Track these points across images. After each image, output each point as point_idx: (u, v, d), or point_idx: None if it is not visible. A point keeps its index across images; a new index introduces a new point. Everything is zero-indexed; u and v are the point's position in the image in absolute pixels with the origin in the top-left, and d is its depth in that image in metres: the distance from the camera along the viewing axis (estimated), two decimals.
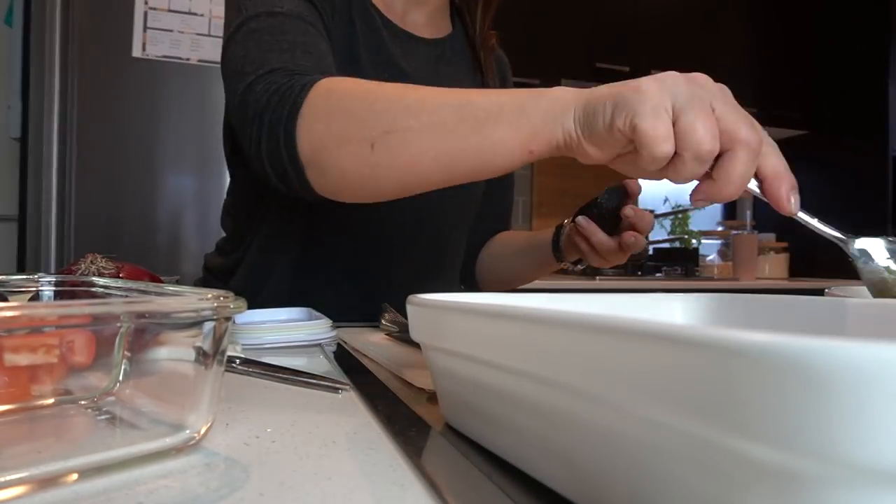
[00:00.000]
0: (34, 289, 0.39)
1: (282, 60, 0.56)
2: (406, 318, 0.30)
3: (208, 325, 0.25)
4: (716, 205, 2.91)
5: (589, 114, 0.41)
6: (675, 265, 2.35)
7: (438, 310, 0.27)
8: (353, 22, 0.71)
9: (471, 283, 0.93)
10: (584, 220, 0.69)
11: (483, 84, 0.84)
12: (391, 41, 0.74)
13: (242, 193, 0.79)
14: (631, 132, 0.37)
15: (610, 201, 0.68)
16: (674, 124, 0.37)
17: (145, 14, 1.55)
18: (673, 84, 0.37)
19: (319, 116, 0.50)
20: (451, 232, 0.83)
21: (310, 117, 0.51)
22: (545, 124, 0.42)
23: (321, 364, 0.47)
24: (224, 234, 0.84)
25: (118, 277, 0.51)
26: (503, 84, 0.90)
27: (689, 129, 0.36)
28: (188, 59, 1.59)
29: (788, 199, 0.39)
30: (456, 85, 0.47)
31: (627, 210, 0.67)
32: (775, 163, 0.39)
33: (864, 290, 0.43)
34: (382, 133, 0.47)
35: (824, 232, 0.40)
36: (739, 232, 2.47)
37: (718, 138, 0.37)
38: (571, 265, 0.80)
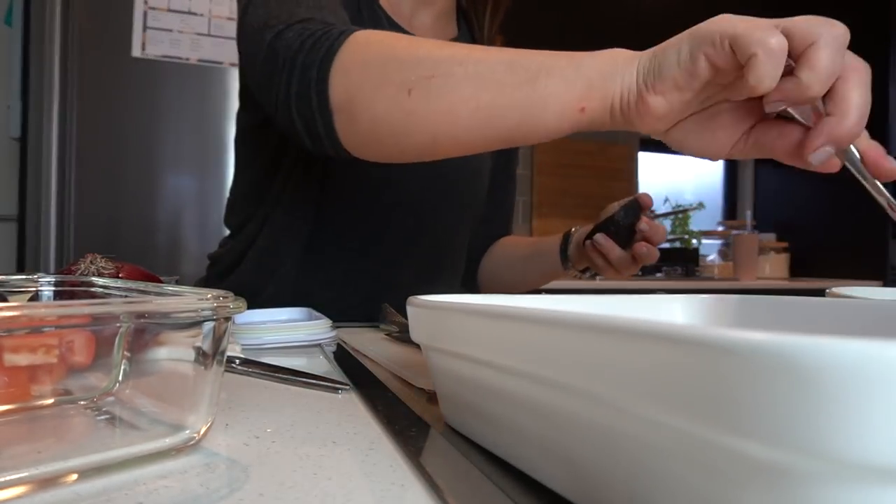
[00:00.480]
0: (34, 289, 0.39)
1: (311, 13, 0.54)
2: (406, 318, 0.30)
3: (208, 326, 0.26)
4: (716, 205, 2.92)
5: (658, 58, 0.37)
6: (675, 265, 2.36)
7: (438, 311, 0.27)
8: (363, 23, 0.72)
9: (472, 289, 0.93)
10: (602, 238, 0.69)
11: None
12: None
13: (249, 186, 0.79)
14: (730, 49, 0.33)
15: (627, 218, 0.68)
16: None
17: (145, 14, 1.55)
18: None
19: (356, 61, 0.47)
20: (452, 234, 0.83)
21: (346, 61, 0.48)
22: (602, 78, 0.39)
23: (321, 364, 0.47)
24: (226, 234, 0.84)
25: (118, 277, 0.51)
26: None
27: (805, 25, 0.32)
28: (188, 59, 1.59)
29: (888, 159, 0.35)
30: None
31: (642, 225, 0.67)
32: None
33: (864, 289, 0.43)
34: (423, 78, 0.44)
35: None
36: (739, 232, 2.47)
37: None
38: (579, 273, 0.80)
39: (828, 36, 0.32)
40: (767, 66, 0.32)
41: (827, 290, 0.42)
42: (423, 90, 0.44)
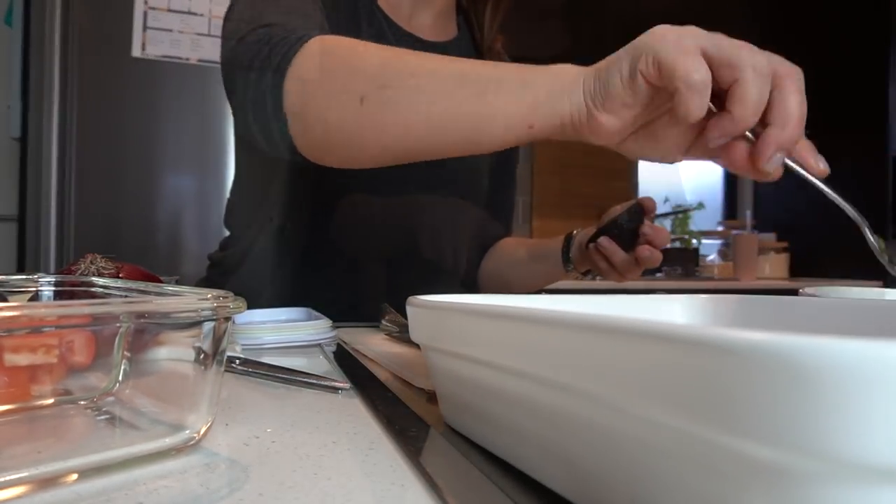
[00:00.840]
0: (34, 289, 0.39)
1: (276, 17, 0.55)
2: (406, 318, 0.30)
3: (208, 325, 0.26)
4: (716, 205, 2.92)
5: (602, 77, 0.38)
6: (675, 265, 2.35)
7: (438, 311, 0.27)
8: (359, 23, 0.72)
9: (472, 290, 0.93)
10: (606, 242, 0.69)
11: None
12: (396, 44, 0.74)
13: (247, 189, 0.79)
14: (657, 71, 0.35)
15: (631, 222, 0.69)
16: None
17: (145, 14, 1.55)
18: (680, 28, 0.35)
19: (311, 67, 0.49)
20: (451, 234, 0.83)
21: (301, 67, 0.49)
22: (549, 97, 0.40)
23: (321, 364, 0.48)
24: (227, 234, 0.84)
25: (118, 277, 0.51)
26: None
27: (728, 52, 0.34)
28: (188, 59, 1.59)
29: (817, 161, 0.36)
30: None
31: (646, 228, 0.68)
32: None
33: (838, 289, 0.43)
34: (374, 88, 0.45)
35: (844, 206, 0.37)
36: (739, 232, 2.47)
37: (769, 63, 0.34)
38: (581, 276, 0.80)
39: (750, 66, 0.34)
40: (693, 100, 0.34)
41: (800, 291, 0.42)
42: (374, 101, 0.45)
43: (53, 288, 0.40)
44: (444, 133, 0.44)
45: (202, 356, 0.26)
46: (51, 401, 0.30)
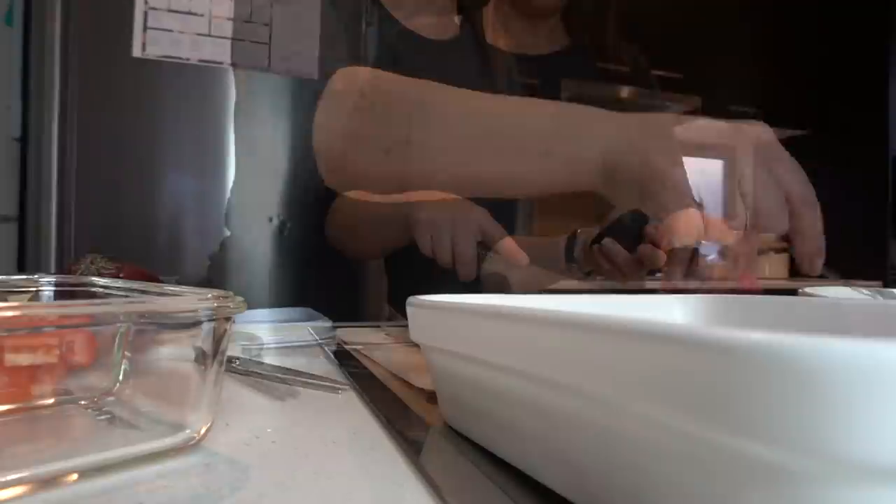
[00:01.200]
0: (34, 289, 0.39)
1: (301, 46, 0.56)
2: (406, 318, 0.30)
3: (208, 326, 0.25)
4: (716, 205, 2.92)
5: (611, 195, 0.41)
6: (675, 265, 2.35)
7: (438, 311, 0.27)
8: (360, 21, 0.72)
9: (473, 290, 0.93)
10: (610, 242, 0.70)
11: (490, 87, 0.84)
12: (397, 42, 0.74)
13: (247, 188, 0.79)
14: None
15: (635, 222, 0.69)
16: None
17: (145, 14, 1.55)
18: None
19: (334, 112, 0.50)
20: (452, 234, 0.83)
21: (326, 111, 0.51)
22: (570, 177, 0.42)
23: (321, 364, 0.47)
24: (227, 234, 0.84)
25: (118, 277, 0.51)
26: (510, 86, 0.90)
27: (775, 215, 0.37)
28: (188, 59, 1.59)
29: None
30: (464, 87, 0.47)
31: (649, 228, 0.68)
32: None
33: (838, 289, 0.44)
34: (398, 141, 0.46)
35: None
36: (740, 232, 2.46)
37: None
38: (584, 276, 0.80)
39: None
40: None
41: (800, 291, 0.42)
42: (399, 153, 0.47)
43: (53, 288, 0.40)
44: (468, 187, 0.47)
45: (202, 356, 0.26)
46: (51, 401, 0.30)
